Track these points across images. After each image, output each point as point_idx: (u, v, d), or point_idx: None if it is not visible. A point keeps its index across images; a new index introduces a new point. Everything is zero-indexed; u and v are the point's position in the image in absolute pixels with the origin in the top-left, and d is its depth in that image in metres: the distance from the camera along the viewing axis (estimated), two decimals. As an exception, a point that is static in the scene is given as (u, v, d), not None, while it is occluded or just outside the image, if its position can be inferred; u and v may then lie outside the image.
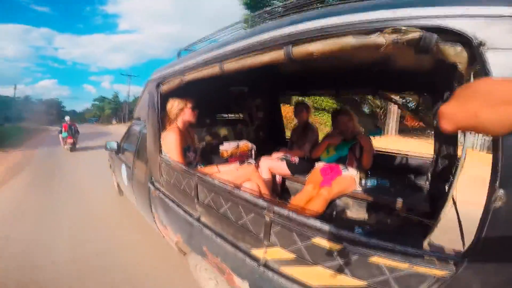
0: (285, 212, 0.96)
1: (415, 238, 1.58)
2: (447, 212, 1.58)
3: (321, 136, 2.68)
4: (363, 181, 2.17)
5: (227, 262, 1.24)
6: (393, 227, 1.76)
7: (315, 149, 2.42)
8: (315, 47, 0.86)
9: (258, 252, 1.11)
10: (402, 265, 0.72)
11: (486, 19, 0.58)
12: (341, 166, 2.20)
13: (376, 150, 2.34)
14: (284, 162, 2.44)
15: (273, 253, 1.05)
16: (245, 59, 1.14)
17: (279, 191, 2.51)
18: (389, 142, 8.26)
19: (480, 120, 0.41)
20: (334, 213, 2.11)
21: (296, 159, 2.51)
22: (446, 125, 0.48)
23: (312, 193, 2.00)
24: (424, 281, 0.70)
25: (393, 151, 2.55)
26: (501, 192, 0.58)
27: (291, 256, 0.98)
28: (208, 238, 1.36)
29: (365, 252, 0.77)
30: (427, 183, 2.06)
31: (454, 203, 1.63)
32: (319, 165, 2.34)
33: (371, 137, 2.16)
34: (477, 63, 0.60)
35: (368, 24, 0.72)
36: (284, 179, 2.58)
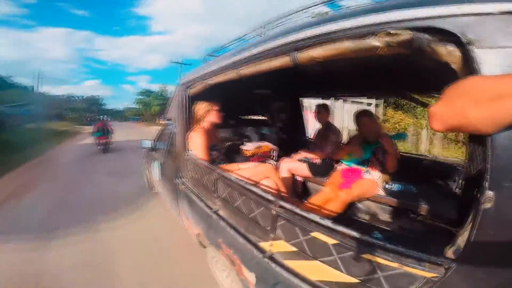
0: (288, 206, 1.02)
1: (437, 245, 1.50)
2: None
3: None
4: (387, 185, 2.10)
5: (238, 254, 1.32)
6: (415, 233, 1.68)
7: (336, 152, 2.42)
8: (317, 52, 0.92)
9: (265, 245, 1.18)
10: (393, 264, 0.73)
11: (474, 17, 0.57)
12: (363, 169, 2.15)
13: (403, 153, 2.24)
14: (305, 164, 2.46)
15: (278, 246, 1.11)
16: (258, 65, 1.23)
17: (300, 192, 2.54)
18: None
19: (467, 118, 0.43)
20: (355, 216, 2.08)
21: (317, 160, 2.52)
22: (436, 126, 0.50)
23: (330, 195, 2.00)
24: (413, 282, 0.71)
25: (422, 155, 2.40)
26: (490, 193, 0.57)
27: (293, 249, 1.03)
28: (224, 230, 1.46)
29: (357, 247, 0.80)
30: (458, 189, 1.92)
31: None
32: (340, 167, 2.32)
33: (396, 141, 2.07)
34: (469, 62, 0.60)
35: (363, 28, 0.76)
36: (305, 180, 2.60)
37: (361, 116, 2.25)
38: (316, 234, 0.93)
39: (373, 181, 2.03)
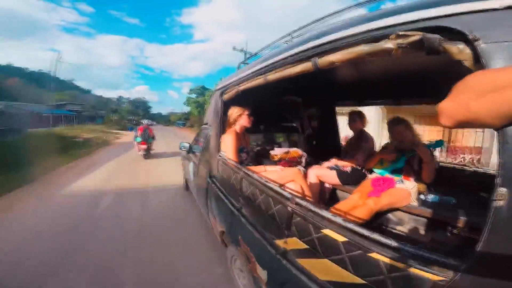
0: (304, 202, 1.06)
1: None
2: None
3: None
4: (422, 196, 1.97)
5: (254, 251, 1.37)
6: (449, 247, 1.55)
7: (368, 160, 2.34)
8: (335, 57, 0.97)
9: (279, 242, 1.21)
10: (399, 265, 0.72)
11: (479, 14, 0.59)
12: (396, 179, 2.06)
13: (442, 163, 2.07)
14: (334, 171, 2.42)
15: (292, 243, 1.13)
16: (283, 71, 1.32)
17: (327, 199, 2.50)
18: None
19: (471, 111, 0.45)
20: (384, 226, 1.98)
21: (348, 169, 2.46)
22: (445, 121, 0.54)
23: (357, 202, 1.94)
24: (421, 284, 0.69)
25: (464, 165, 2.18)
26: (502, 190, 0.56)
27: (306, 247, 1.05)
28: (244, 227, 1.52)
29: (364, 246, 0.80)
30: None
31: None
32: (371, 176, 2.25)
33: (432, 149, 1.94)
34: (477, 58, 0.60)
35: (375, 32, 0.80)
36: (334, 188, 2.55)
37: (395, 124, 2.16)
38: (328, 232, 0.95)
39: (405, 190, 1.92)
